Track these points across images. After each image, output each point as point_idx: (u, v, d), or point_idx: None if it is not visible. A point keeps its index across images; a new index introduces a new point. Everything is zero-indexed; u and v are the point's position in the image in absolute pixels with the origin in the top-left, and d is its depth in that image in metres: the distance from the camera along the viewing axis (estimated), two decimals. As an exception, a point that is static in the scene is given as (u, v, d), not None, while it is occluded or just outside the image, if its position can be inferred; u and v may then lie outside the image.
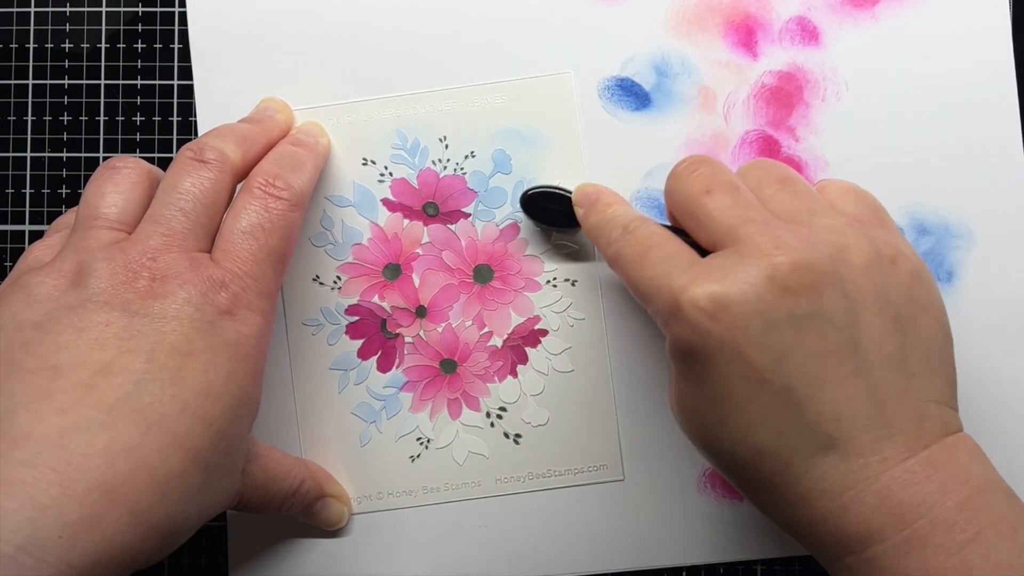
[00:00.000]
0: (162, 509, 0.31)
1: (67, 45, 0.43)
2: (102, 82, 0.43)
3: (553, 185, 0.41)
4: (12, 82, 0.43)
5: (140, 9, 0.43)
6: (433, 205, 0.42)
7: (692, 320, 0.32)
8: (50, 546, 0.28)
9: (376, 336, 0.42)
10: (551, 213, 0.41)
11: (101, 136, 0.43)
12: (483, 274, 0.42)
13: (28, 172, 0.43)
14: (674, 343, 0.33)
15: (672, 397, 0.35)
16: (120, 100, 0.43)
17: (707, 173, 0.35)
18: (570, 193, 0.40)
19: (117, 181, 0.36)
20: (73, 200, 0.43)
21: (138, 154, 0.43)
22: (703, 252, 0.34)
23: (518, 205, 0.42)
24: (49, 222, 0.43)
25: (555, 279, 0.42)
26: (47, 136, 0.43)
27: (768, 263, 0.32)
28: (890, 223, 0.36)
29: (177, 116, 0.43)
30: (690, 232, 0.35)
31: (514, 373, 0.42)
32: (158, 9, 0.43)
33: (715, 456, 0.34)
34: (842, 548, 0.32)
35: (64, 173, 0.43)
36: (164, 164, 0.42)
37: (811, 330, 0.31)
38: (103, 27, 0.43)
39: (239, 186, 0.37)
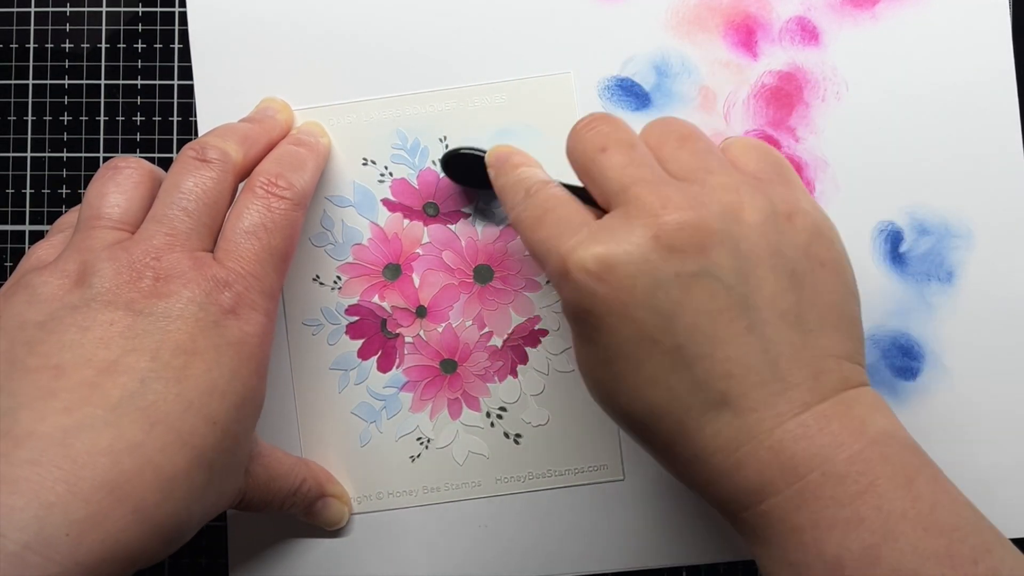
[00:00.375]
0: (166, 507, 0.31)
1: (67, 45, 0.43)
2: (102, 82, 0.43)
3: (471, 146, 0.41)
4: (12, 82, 0.43)
5: (140, 9, 0.43)
6: (433, 205, 0.42)
7: (579, 282, 0.32)
8: (57, 544, 0.28)
9: (376, 336, 0.42)
10: (471, 175, 0.41)
11: (101, 136, 0.43)
12: (483, 274, 0.42)
13: (28, 172, 0.43)
14: (565, 305, 0.33)
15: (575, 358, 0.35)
16: (120, 100, 0.43)
17: (605, 131, 0.35)
18: (484, 153, 0.40)
19: (119, 181, 0.36)
20: (73, 200, 0.43)
21: (138, 154, 0.43)
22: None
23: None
24: (49, 222, 0.43)
25: (555, 279, 0.42)
26: (47, 136, 0.43)
27: (653, 223, 0.31)
28: (793, 180, 0.35)
29: (177, 116, 0.43)
30: (589, 191, 0.35)
31: (514, 373, 0.42)
32: (158, 9, 0.43)
33: (614, 414, 0.34)
34: (739, 503, 0.32)
35: (64, 173, 0.43)
36: (164, 164, 0.42)
37: (700, 289, 0.31)
38: (103, 27, 0.43)
39: (241, 185, 0.37)
